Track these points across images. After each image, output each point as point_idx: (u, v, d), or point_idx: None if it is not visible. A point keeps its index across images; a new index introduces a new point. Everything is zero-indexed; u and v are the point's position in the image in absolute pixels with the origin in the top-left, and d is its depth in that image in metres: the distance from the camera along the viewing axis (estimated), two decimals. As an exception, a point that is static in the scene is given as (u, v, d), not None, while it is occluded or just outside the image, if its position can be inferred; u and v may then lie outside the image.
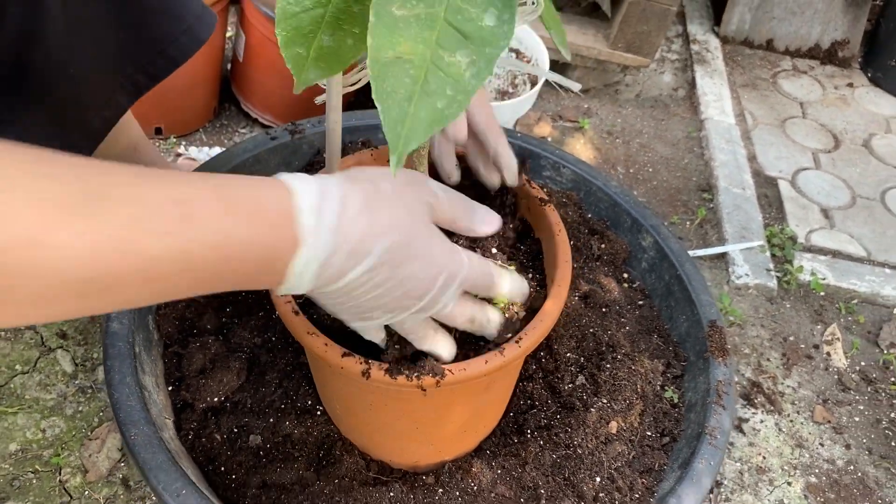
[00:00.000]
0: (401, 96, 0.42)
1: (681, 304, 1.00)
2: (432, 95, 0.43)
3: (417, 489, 0.77)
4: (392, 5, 0.40)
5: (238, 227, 0.44)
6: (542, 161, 1.14)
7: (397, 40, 0.42)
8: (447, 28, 0.43)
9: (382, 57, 0.41)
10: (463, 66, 0.43)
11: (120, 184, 0.40)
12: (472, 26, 0.43)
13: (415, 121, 0.42)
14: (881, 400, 1.26)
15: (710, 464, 0.81)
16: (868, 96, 1.92)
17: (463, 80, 0.43)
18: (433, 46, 0.43)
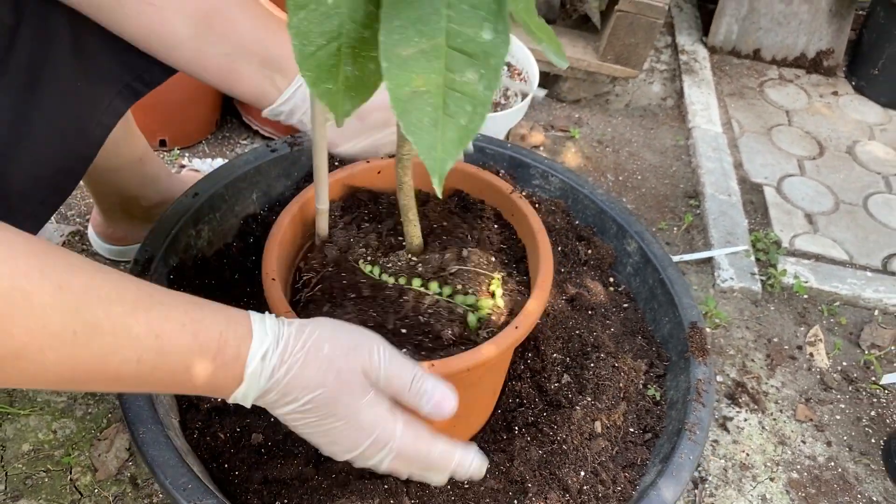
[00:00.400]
0: (427, 124, 0.46)
1: (664, 306, 1.04)
2: (455, 116, 0.47)
3: (410, 483, 0.82)
4: (398, 48, 0.45)
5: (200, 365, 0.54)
6: (532, 170, 1.19)
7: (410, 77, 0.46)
8: (451, 53, 0.47)
9: (402, 95, 0.46)
10: (475, 81, 0.47)
11: (113, 314, 0.50)
12: (472, 45, 0.47)
13: (445, 142, 0.47)
14: (862, 399, 1.31)
15: (690, 458, 0.85)
16: (852, 104, 1.97)
17: (478, 94, 0.48)
18: (444, 73, 0.47)
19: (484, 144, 1.19)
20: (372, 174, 0.89)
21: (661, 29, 2.07)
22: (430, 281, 0.75)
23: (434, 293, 0.74)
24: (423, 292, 0.74)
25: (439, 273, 0.77)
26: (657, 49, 2.01)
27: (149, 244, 0.94)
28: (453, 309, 0.74)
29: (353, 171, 0.87)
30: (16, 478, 0.97)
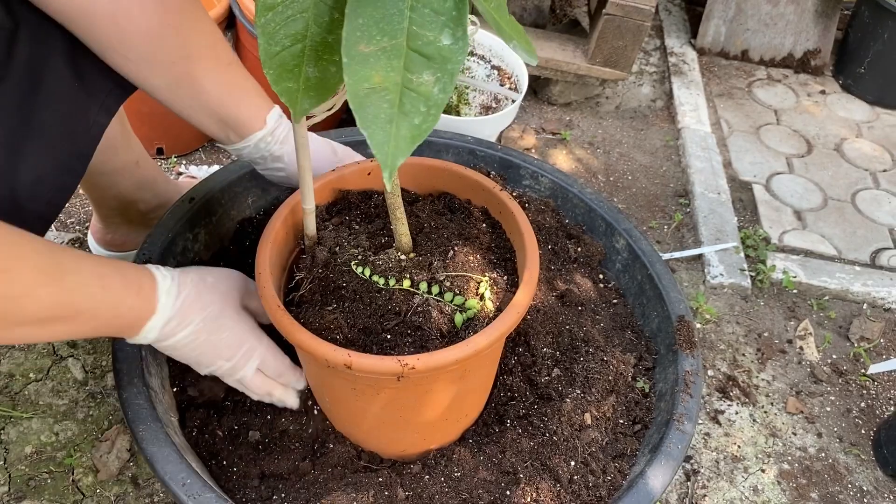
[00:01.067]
0: (382, 120, 0.48)
1: (652, 301, 1.06)
2: (409, 115, 0.49)
3: (405, 476, 0.84)
4: (359, 44, 0.47)
5: (127, 295, 0.72)
6: (522, 171, 1.21)
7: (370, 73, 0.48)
8: (411, 54, 0.49)
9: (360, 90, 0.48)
10: (430, 83, 0.50)
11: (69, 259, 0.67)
12: (432, 48, 0.49)
13: (398, 139, 0.49)
14: (851, 391, 1.32)
15: (678, 447, 0.88)
16: (840, 102, 2.00)
17: (433, 96, 0.50)
18: (402, 72, 0.49)
19: (474, 146, 1.21)
20: (362, 175, 0.92)
21: (650, 32, 2.10)
22: (419, 281, 0.77)
23: (423, 293, 0.76)
24: (413, 292, 0.76)
25: (428, 273, 0.78)
26: (646, 52, 2.04)
27: (147, 248, 0.96)
28: (442, 308, 0.76)
29: (343, 174, 0.89)
30: (19, 479, 0.98)
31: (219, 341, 0.79)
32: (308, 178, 0.79)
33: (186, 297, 0.77)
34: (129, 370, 0.84)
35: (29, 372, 1.09)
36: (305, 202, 0.81)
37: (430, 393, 0.75)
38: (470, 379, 0.78)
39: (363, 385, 0.73)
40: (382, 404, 0.76)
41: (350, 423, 0.84)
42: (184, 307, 0.76)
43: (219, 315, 0.79)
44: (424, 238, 0.84)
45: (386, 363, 0.67)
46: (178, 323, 0.76)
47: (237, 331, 0.80)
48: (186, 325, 0.77)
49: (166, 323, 0.75)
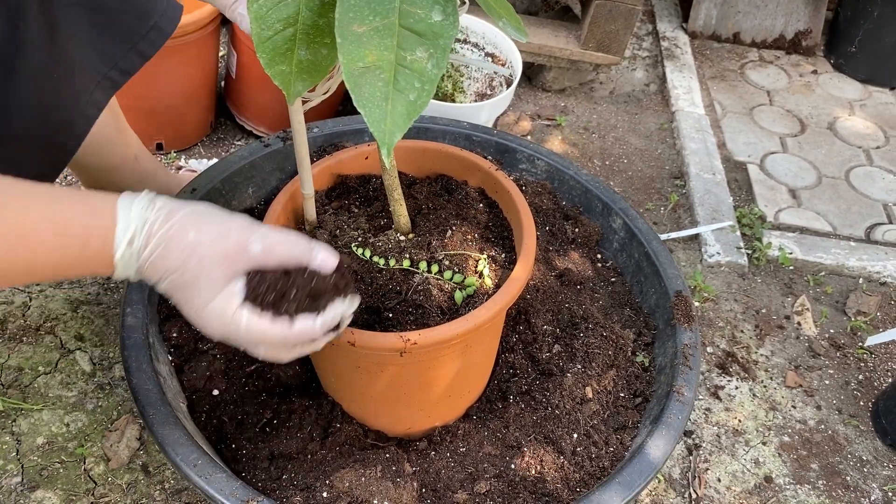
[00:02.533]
0: (378, 98, 0.50)
1: (650, 278, 1.08)
2: (404, 91, 0.50)
3: (411, 452, 0.85)
4: (352, 24, 0.48)
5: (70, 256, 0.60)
6: (518, 155, 1.22)
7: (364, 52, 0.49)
8: (403, 32, 0.50)
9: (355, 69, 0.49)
10: (424, 60, 0.51)
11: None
12: (423, 25, 0.50)
13: (394, 116, 0.50)
14: (849, 364, 1.34)
15: (679, 418, 0.89)
16: (832, 82, 2.01)
17: (426, 71, 0.51)
18: (395, 50, 0.50)
19: (470, 132, 1.23)
20: (360, 160, 0.93)
21: (642, 17, 2.11)
22: (419, 260, 0.79)
23: (423, 272, 0.78)
24: (413, 271, 0.78)
25: (428, 252, 0.80)
26: (639, 37, 2.05)
27: (150, 238, 0.97)
28: (442, 286, 0.77)
29: (341, 158, 0.91)
30: (31, 470, 1.00)
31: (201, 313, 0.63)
32: (306, 163, 0.80)
33: (152, 252, 0.62)
34: (138, 356, 0.85)
35: (38, 365, 1.11)
36: (304, 188, 0.83)
37: (432, 369, 0.76)
38: (472, 354, 0.80)
39: (367, 362, 0.75)
40: (387, 382, 0.78)
41: (356, 401, 0.86)
42: (148, 262, 0.62)
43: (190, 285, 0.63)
44: (423, 219, 0.85)
45: (388, 339, 0.68)
46: (150, 276, 0.63)
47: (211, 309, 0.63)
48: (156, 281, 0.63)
49: (138, 274, 0.62)
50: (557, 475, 0.85)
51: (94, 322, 1.18)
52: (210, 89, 1.49)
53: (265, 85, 1.46)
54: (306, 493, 0.80)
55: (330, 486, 0.79)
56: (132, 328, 0.88)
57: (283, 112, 1.48)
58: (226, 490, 0.74)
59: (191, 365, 0.94)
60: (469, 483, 0.83)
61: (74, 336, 1.15)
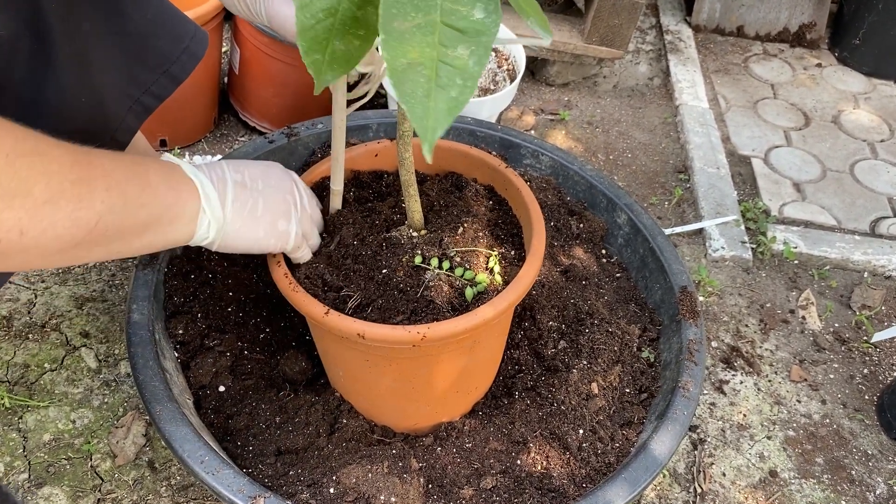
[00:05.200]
0: (420, 94, 0.50)
1: (654, 273, 1.08)
2: (446, 88, 0.50)
3: (418, 447, 0.86)
4: (395, 21, 0.48)
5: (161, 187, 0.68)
6: (523, 150, 1.22)
7: (406, 49, 0.49)
8: (445, 29, 0.50)
9: (398, 66, 0.49)
10: (465, 57, 0.51)
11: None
12: (465, 22, 0.50)
13: (436, 112, 0.50)
14: (854, 357, 1.34)
15: (684, 413, 0.89)
16: (836, 75, 2.01)
17: (468, 68, 0.51)
18: (437, 47, 0.50)
19: (474, 127, 1.22)
20: (370, 157, 0.93)
21: (645, 10, 2.10)
22: (430, 257, 0.79)
23: (434, 268, 0.78)
24: (425, 268, 0.78)
25: (439, 249, 0.80)
26: (642, 30, 2.04)
27: (155, 235, 0.97)
28: (453, 283, 0.77)
29: (352, 155, 0.91)
30: (38, 466, 1.00)
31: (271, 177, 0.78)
32: (340, 159, 0.80)
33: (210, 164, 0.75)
34: (144, 353, 0.86)
35: (44, 362, 1.11)
36: (335, 182, 0.83)
37: (440, 364, 0.76)
38: (479, 350, 0.80)
39: (376, 357, 0.75)
40: (395, 376, 0.78)
41: (363, 397, 0.86)
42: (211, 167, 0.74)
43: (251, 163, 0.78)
44: (434, 215, 0.85)
45: (398, 332, 0.68)
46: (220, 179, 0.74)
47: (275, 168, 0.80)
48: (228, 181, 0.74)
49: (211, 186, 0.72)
50: (563, 471, 0.85)
51: (100, 319, 1.18)
52: (213, 85, 1.49)
53: (268, 80, 1.45)
54: (313, 488, 0.80)
55: (336, 481, 0.79)
56: (138, 325, 0.88)
57: (286, 107, 1.48)
58: (233, 486, 0.74)
59: (197, 361, 0.94)
60: (475, 479, 0.83)
61: (80, 333, 1.15)
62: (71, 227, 0.58)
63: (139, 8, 0.84)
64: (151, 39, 0.87)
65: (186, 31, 0.92)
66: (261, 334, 1.00)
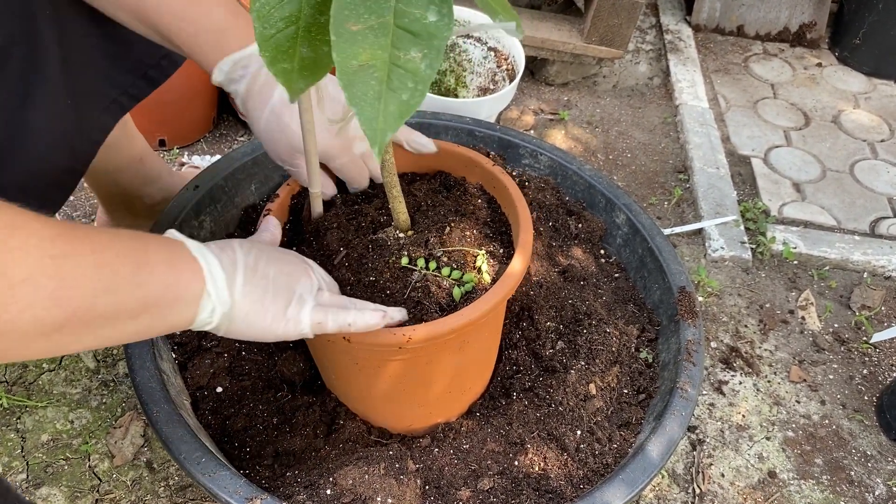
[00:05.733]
0: (371, 97, 0.49)
1: (653, 274, 1.07)
2: (397, 91, 0.50)
3: (415, 449, 0.85)
4: (347, 22, 0.48)
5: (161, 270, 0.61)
6: (521, 150, 1.22)
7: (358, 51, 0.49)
8: (398, 31, 0.50)
9: (349, 67, 0.49)
10: (418, 60, 0.50)
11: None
12: (418, 25, 0.50)
13: (386, 115, 0.50)
14: (854, 358, 1.34)
15: (682, 414, 0.89)
16: (836, 75, 2.00)
17: (420, 72, 0.51)
18: (389, 49, 0.50)
19: (473, 127, 1.22)
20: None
21: (645, 10, 2.10)
22: (417, 257, 0.79)
23: (421, 269, 0.78)
24: (411, 269, 0.77)
25: (426, 249, 0.80)
26: (642, 30, 2.04)
27: (153, 236, 0.97)
28: (440, 283, 0.77)
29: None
30: (37, 466, 1.00)
31: (284, 263, 0.69)
32: (314, 161, 0.80)
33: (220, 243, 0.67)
34: (141, 354, 0.85)
35: (42, 362, 1.11)
36: (312, 185, 0.83)
37: (430, 365, 0.76)
38: (470, 350, 0.80)
39: (364, 360, 0.75)
40: (385, 379, 0.78)
41: (357, 399, 0.86)
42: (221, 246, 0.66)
43: (263, 246, 0.70)
44: (422, 216, 0.85)
45: (382, 335, 0.68)
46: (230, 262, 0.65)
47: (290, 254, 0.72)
48: (238, 263, 0.66)
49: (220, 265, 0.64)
50: (561, 472, 0.85)
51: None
52: (212, 85, 1.48)
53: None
54: (310, 490, 0.80)
55: (333, 483, 0.79)
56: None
57: (285, 108, 1.48)
58: (229, 487, 0.74)
59: (194, 362, 0.94)
60: (472, 480, 0.83)
61: (78, 333, 1.15)
62: (52, 307, 0.51)
63: None
64: (133, 43, 0.87)
65: None
66: (258, 335, 1.00)
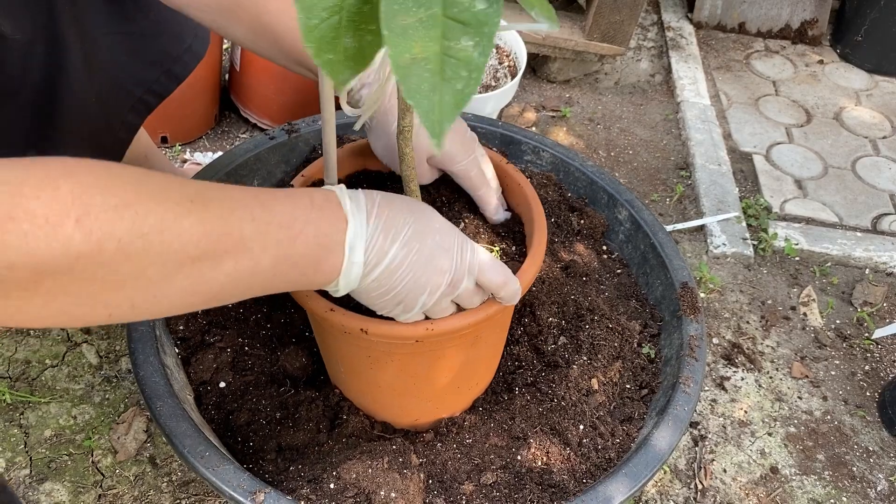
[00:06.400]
0: (426, 89, 0.50)
1: (655, 269, 1.07)
2: (451, 81, 0.50)
3: (418, 443, 0.85)
4: (398, 17, 0.48)
5: (299, 209, 0.55)
6: (523, 146, 1.22)
7: (410, 44, 0.49)
8: (448, 22, 0.50)
9: (402, 62, 0.49)
10: (470, 48, 0.51)
11: (211, 188, 0.52)
12: (468, 14, 0.50)
13: (442, 106, 0.50)
14: (856, 354, 1.34)
15: (685, 409, 0.89)
16: (838, 72, 2.00)
17: (473, 60, 0.51)
18: (441, 41, 0.50)
19: (475, 124, 1.22)
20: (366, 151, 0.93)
21: (647, 7, 2.10)
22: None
23: None
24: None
25: None
26: (644, 27, 2.04)
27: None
28: None
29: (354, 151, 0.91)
30: (40, 462, 1.01)
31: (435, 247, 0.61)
32: (332, 154, 0.80)
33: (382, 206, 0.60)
34: (145, 349, 0.86)
35: (45, 358, 1.11)
36: (328, 177, 0.83)
37: (442, 359, 0.76)
38: (481, 346, 0.80)
39: (378, 352, 0.75)
40: (396, 372, 0.78)
41: (364, 392, 0.86)
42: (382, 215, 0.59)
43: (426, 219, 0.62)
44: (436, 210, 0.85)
45: (402, 328, 0.68)
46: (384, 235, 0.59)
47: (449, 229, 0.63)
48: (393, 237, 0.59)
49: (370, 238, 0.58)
50: (564, 466, 0.85)
51: (101, 315, 1.18)
52: (214, 82, 1.49)
53: (269, 77, 1.45)
54: (313, 484, 0.80)
55: (337, 477, 0.79)
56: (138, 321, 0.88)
57: (287, 104, 1.48)
58: (233, 482, 0.74)
59: (197, 357, 0.94)
60: (475, 474, 0.83)
61: (81, 329, 1.16)
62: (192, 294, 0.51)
63: (143, 9, 0.85)
64: (154, 39, 0.87)
65: (189, 30, 0.93)
66: (262, 330, 1.00)
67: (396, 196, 0.63)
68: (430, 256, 0.61)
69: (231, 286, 0.53)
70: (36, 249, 0.41)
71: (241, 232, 0.51)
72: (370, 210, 0.59)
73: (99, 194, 0.44)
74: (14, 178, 0.42)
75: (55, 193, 0.42)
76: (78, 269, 0.43)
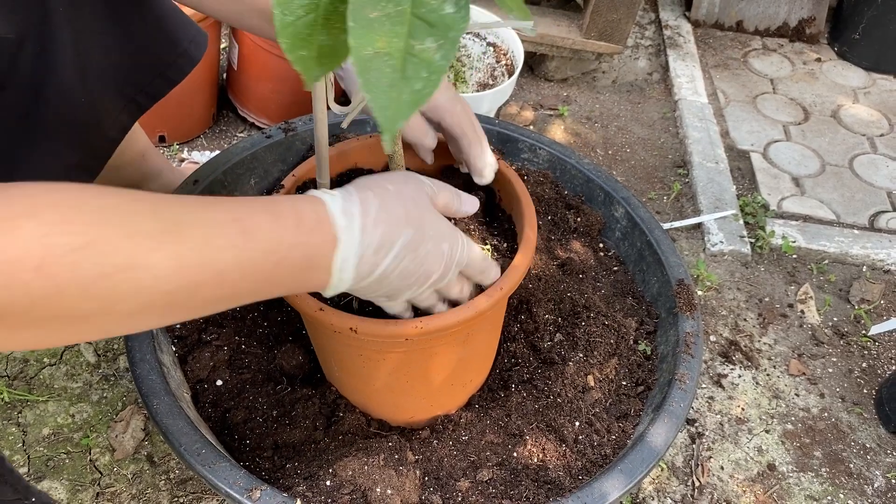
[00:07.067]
0: (384, 85, 0.50)
1: (652, 267, 1.08)
2: (410, 80, 0.50)
3: (414, 440, 0.86)
4: (365, 9, 0.48)
5: (285, 233, 0.53)
6: (520, 144, 1.22)
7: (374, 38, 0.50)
8: (415, 21, 0.50)
9: (364, 54, 0.49)
10: (432, 50, 0.51)
11: (188, 211, 0.49)
12: (435, 16, 0.50)
13: (398, 104, 0.50)
14: (853, 351, 1.34)
15: (681, 406, 0.89)
16: (836, 70, 2.00)
17: (434, 62, 0.51)
18: (405, 38, 0.50)
19: (472, 122, 1.22)
20: (364, 151, 0.93)
21: (644, 5, 2.10)
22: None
23: None
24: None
25: None
26: (641, 25, 2.04)
27: (153, 230, 0.98)
28: None
29: (344, 149, 0.91)
30: (38, 460, 1.01)
31: (427, 255, 0.61)
32: (324, 152, 0.80)
33: (375, 218, 0.57)
34: (141, 346, 0.86)
35: (43, 357, 1.12)
36: (320, 176, 0.83)
37: (435, 357, 0.77)
38: (473, 343, 0.80)
39: (369, 351, 0.75)
40: (389, 370, 0.78)
41: (359, 390, 0.87)
42: (376, 231, 0.57)
43: (420, 226, 0.60)
44: None
45: (391, 327, 0.68)
46: (376, 252, 0.57)
47: (440, 229, 0.63)
48: (388, 250, 0.58)
49: (361, 254, 0.56)
50: (559, 463, 0.85)
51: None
52: (212, 81, 1.49)
53: (266, 76, 1.46)
54: (310, 481, 0.80)
55: (333, 474, 0.79)
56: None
57: (284, 103, 1.48)
58: (229, 479, 0.75)
59: (194, 355, 0.94)
60: (471, 471, 0.83)
61: (79, 328, 1.16)
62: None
63: (140, 12, 0.85)
64: (150, 43, 0.88)
65: (186, 34, 0.93)
66: (258, 329, 1.00)
67: (394, 194, 0.60)
68: (420, 263, 0.61)
69: (211, 308, 0.52)
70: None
71: (219, 264, 0.49)
72: (364, 224, 0.57)
73: (62, 235, 0.42)
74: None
75: (15, 236, 0.41)
76: (37, 310, 0.42)
